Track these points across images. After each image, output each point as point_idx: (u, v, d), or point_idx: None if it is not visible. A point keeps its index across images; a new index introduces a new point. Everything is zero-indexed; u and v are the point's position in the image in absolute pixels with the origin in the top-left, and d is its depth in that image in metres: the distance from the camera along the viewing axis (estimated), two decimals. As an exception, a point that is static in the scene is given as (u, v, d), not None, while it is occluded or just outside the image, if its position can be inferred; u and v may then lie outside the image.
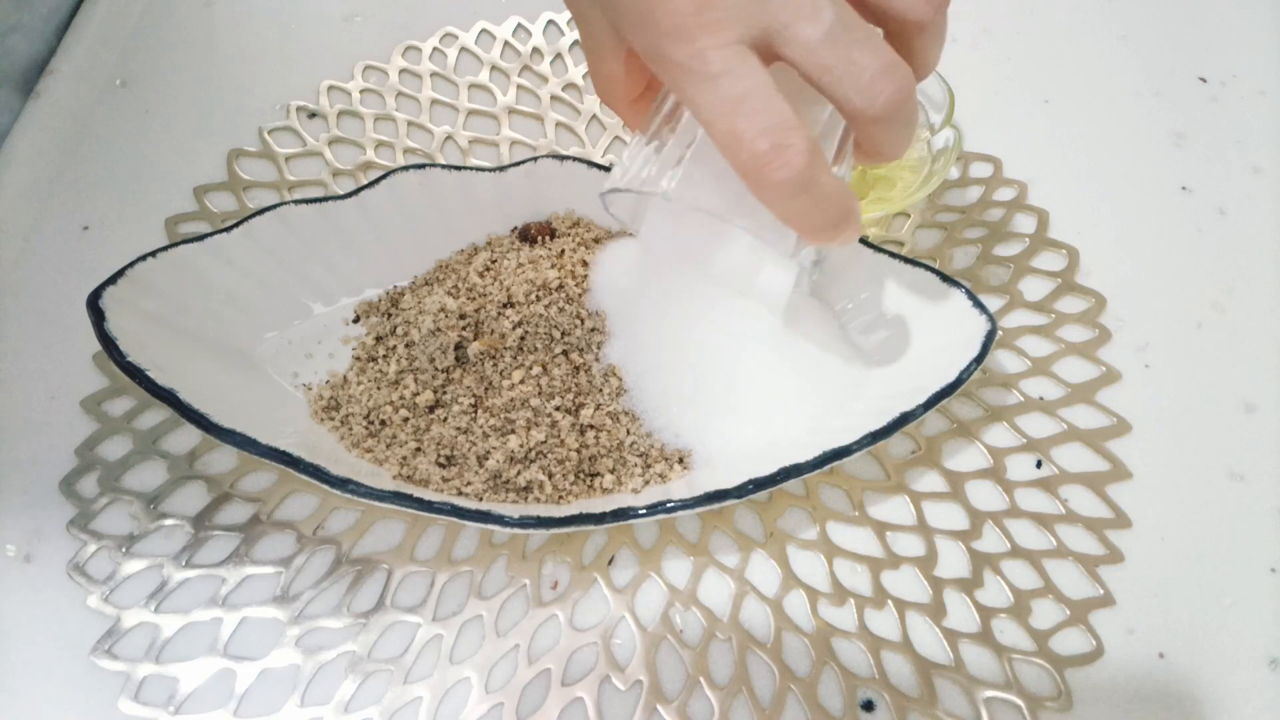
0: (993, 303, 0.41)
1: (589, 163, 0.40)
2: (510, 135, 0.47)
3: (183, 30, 0.50)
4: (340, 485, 0.30)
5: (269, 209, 0.37)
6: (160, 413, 0.37)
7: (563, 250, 0.40)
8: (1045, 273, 0.42)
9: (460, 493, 0.34)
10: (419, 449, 0.35)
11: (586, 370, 0.36)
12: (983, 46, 0.51)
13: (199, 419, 0.31)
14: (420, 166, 0.39)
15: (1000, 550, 0.35)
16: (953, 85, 0.41)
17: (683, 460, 0.35)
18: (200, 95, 0.47)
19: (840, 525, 0.36)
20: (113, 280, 0.33)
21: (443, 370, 0.36)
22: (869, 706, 0.32)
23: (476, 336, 0.37)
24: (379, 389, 0.36)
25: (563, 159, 0.41)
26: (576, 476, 0.35)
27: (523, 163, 0.40)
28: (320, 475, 0.30)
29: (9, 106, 0.45)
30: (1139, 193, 0.45)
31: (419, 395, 0.36)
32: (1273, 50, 0.51)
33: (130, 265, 0.34)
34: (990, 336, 0.34)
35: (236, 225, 0.37)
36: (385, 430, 0.36)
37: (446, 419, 0.35)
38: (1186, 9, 0.53)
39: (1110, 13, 0.52)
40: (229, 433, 0.30)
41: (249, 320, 0.37)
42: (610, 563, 0.35)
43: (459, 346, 0.37)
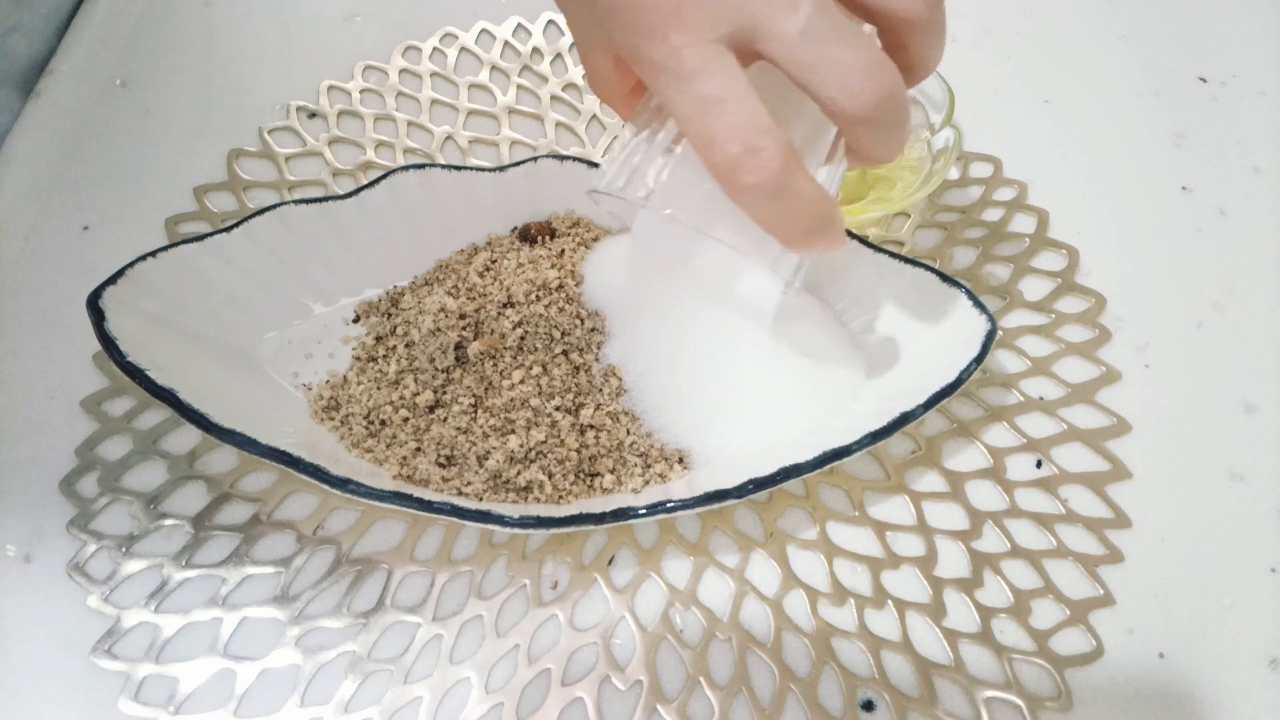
0: (993, 303, 0.41)
1: (589, 163, 0.40)
2: (510, 135, 0.47)
3: (183, 30, 0.50)
4: (340, 485, 0.30)
5: (269, 209, 0.37)
6: (160, 413, 0.37)
7: (563, 250, 0.40)
8: (1045, 273, 0.42)
9: (460, 493, 0.34)
10: (419, 449, 0.35)
11: (586, 370, 0.36)
12: (983, 46, 0.51)
13: (199, 419, 0.31)
14: (420, 166, 0.39)
15: (1000, 550, 0.35)
16: (953, 85, 0.41)
17: (683, 460, 0.35)
18: (200, 95, 0.47)
19: (840, 525, 0.36)
20: (113, 280, 0.33)
21: (443, 370, 0.36)
22: (869, 706, 0.32)
23: (476, 336, 0.37)
24: (379, 389, 0.36)
25: (563, 159, 0.41)
26: (576, 476, 0.35)
27: (523, 163, 0.40)
28: (320, 475, 0.30)
29: (9, 106, 0.45)
30: (1139, 193, 0.45)
31: (419, 395, 0.36)
32: (1273, 50, 0.51)
33: (130, 265, 0.34)
34: (990, 336, 0.34)
35: (236, 225, 0.37)
36: (385, 430, 0.36)
37: (446, 419, 0.35)
38: (1186, 9, 0.53)
39: (1110, 13, 0.52)
40: (229, 433, 0.30)
41: (249, 320, 0.37)
42: (610, 563, 0.35)
43: (459, 346, 0.36)
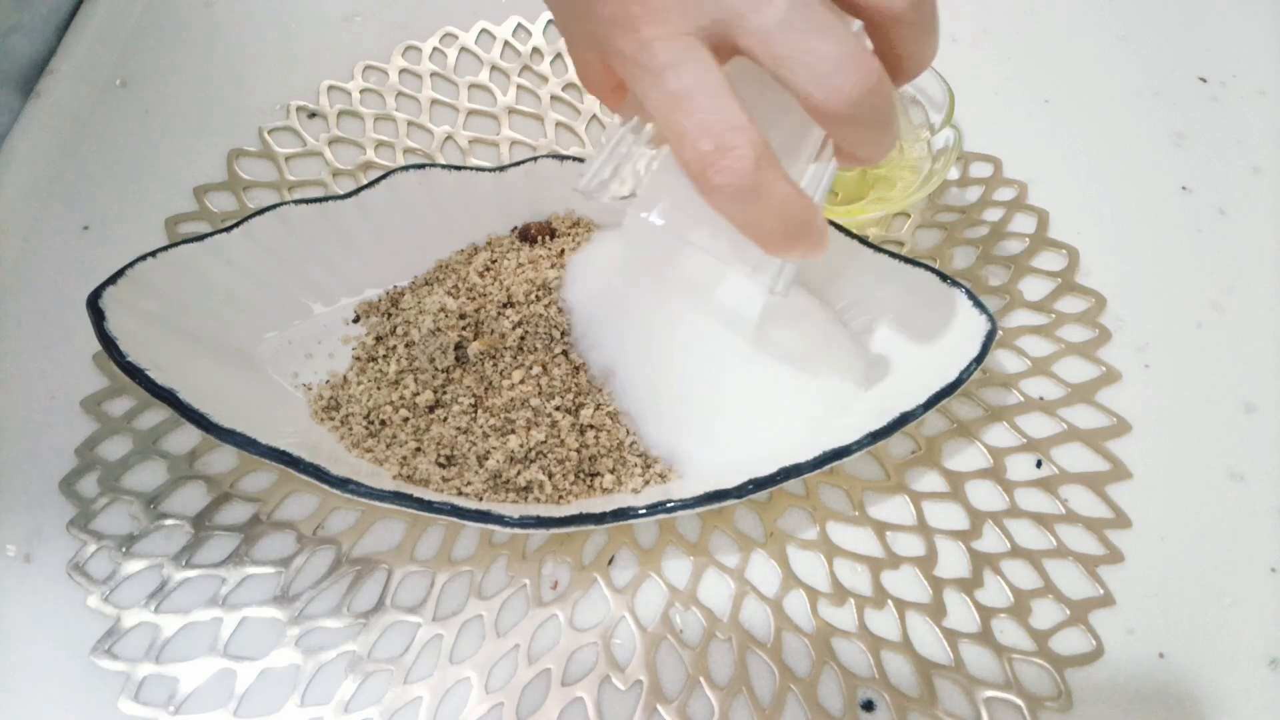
0: (993, 303, 0.41)
1: (589, 163, 0.40)
2: (510, 135, 0.47)
3: (183, 30, 0.50)
4: (340, 485, 0.30)
5: (269, 209, 0.37)
6: (160, 413, 0.37)
7: (563, 250, 0.40)
8: (1045, 273, 0.42)
9: (460, 493, 0.34)
10: (419, 449, 0.35)
11: (586, 370, 0.36)
12: (983, 46, 0.51)
13: (199, 419, 0.31)
14: (420, 166, 0.39)
15: (1000, 550, 0.35)
16: (953, 85, 0.41)
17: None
18: (200, 95, 0.47)
19: (840, 525, 0.36)
20: (113, 280, 0.33)
21: (443, 370, 0.36)
22: (869, 706, 0.32)
23: (476, 336, 0.37)
24: (379, 389, 0.36)
25: (563, 159, 0.41)
26: (576, 476, 0.35)
27: (523, 163, 0.40)
28: (320, 475, 0.30)
29: (9, 106, 0.45)
30: (1139, 193, 0.45)
31: (419, 395, 0.36)
32: (1273, 50, 0.51)
33: (130, 265, 0.34)
34: (990, 336, 0.34)
35: (236, 225, 0.37)
36: (385, 430, 0.36)
37: (446, 419, 0.35)
38: (1186, 9, 0.53)
39: (1110, 13, 0.52)
40: (229, 433, 0.30)
41: (249, 320, 0.37)
42: (610, 563, 0.35)
43: (459, 346, 0.36)
